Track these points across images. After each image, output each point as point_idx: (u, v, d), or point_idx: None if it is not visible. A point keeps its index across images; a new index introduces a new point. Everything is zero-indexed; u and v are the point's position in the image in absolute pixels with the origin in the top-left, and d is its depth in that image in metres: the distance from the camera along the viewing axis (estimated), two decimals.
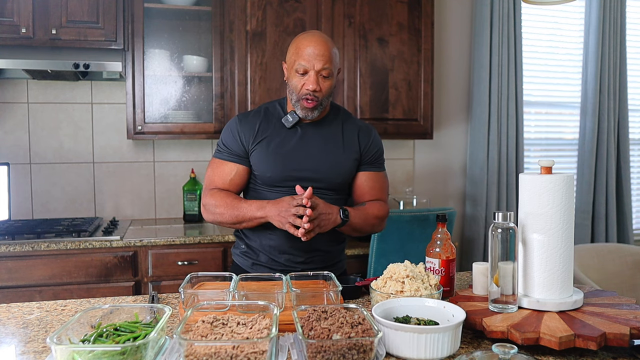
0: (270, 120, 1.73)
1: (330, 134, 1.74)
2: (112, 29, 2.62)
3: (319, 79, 1.62)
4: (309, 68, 1.61)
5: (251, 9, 2.80)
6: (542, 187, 1.20)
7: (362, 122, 1.84)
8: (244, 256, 1.79)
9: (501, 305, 1.18)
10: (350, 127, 1.77)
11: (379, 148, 1.82)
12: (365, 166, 1.78)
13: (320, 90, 1.62)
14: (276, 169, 1.68)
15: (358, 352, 0.94)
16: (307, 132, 1.72)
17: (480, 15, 3.35)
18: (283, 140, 1.70)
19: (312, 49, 1.61)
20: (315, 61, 1.60)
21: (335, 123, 1.76)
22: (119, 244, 2.45)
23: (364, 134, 1.78)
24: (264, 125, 1.72)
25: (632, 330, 1.05)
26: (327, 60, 1.61)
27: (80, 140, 2.98)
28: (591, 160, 3.62)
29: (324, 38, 1.65)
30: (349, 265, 2.74)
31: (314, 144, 1.71)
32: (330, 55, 1.62)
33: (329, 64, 1.62)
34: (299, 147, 1.70)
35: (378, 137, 1.83)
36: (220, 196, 1.68)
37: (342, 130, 1.76)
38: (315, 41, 1.62)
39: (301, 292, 1.25)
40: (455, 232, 3.47)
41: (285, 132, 1.71)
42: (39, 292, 2.37)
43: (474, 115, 3.44)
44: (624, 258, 2.88)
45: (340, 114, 1.80)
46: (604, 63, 3.60)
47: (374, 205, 1.76)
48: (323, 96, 1.64)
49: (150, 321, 1.09)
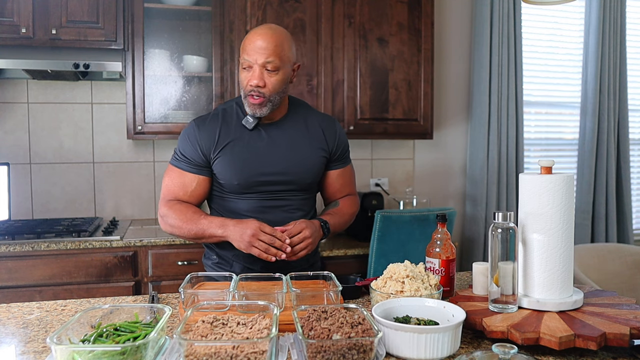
0: (230, 123, 1.64)
1: (295, 132, 1.67)
2: (112, 29, 2.62)
3: (264, 73, 1.53)
4: (252, 62, 1.53)
5: (251, 9, 2.80)
6: (542, 187, 1.20)
7: (324, 116, 1.77)
8: (217, 267, 1.71)
9: (501, 305, 1.18)
10: (314, 122, 1.71)
11: (346, 142, 1.78)
12: (334, 164, 1.74)
13: (265, 86, 1.54)
14: (243, 175, 1.60)
15: (358, 352, 0.94)
16: (272, 133, 1.64)
17: (480, 15, 3.35)
18: (247, 144, 1.62)
19: (256, 42, 1.52)
20: (257, 55, 1.51)
21: (298, 120, 1.69)
22: (119, 244, 2.45)
23: (329, 131, 1.71)
24: (225, 129, 1.62)
25: (632, 330, 1.05)
26: (272, 54, 1.51)
27: (80, 140, 2.98)
28: (591, 160, 3.62)
29: (271, 31, 1.55)
30: (349, 265, 2.75)
31: (280, 145, 1.64)
32: (276, 48, 1.52)
33: (273, 57, 1.52)
34: (265, 150, 1.62)
35: (342, 130, 1.77)
36: (178, 208, 1.59)
37: (306, 127, 1.69)
38: (260, 34, 1.53)
39: (301, 292, 1.25)
40: (455, 232, 3.47)
41: (248, 134, 1.63)
42: (39, 292, 2.37)
43: (474, 115, 3.44)
44: (624, 258, 2.88)
45: (301, 110, 1.72)
46: (604, 63, 3.59)
47: (346, 203, 1.74)
48: (271, 92, 1.55)
49: (150, 321, 1.09)
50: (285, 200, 1.66)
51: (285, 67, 1.56)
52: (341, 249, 2.75)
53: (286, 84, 1.59)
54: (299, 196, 1.68)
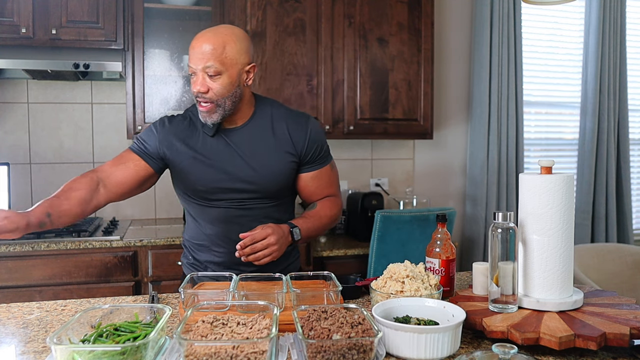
0: (196, 127, 1.60)
1: (260, 137, 1.59)
2: (112, 29, 2.62)
3: (206, 79, 1.47)
4: (195, 69, 1.48)
5: (251, 9, 2.80)
6: (542, 187, 1.20)
7: (295, 116, 1.65)
8: (192, 267, 1.70)
9: (501, 305, 1.18)
10: (281, 125, 1.61)
11: (318, 143, 1.64)
12: (307, 166, 1.64)
13: (207, 92, 1.48)
14: (204, 182, 1.56)
15: (358, 352, 0.94)
16: (234, 139, 1.58)
17: (480, 15, 3.35)
18: (210, 151, 1.57)
19: (195, 47, 1.47)
20: (197, 60, 1.46)
21: (264, 124, 1.61)
22: (119, 244, 2.45)
23: (297, 133, 1.61)
24: (189, 133, 1.59)
25: (632, 330, 1.05)
26: (210, 58, 1.45)
27: (80, 140, 2.98)
28: (591, 160, 3.62)
29: (212, 33, 1.48)
30: (349, 265, 2.75)
31: (243, 152, 1.57)
32: (214, 51, 1.45)
33: (212, 61, 1.45)
34: (227, 157, 1.57)
35: (316, 129, 1.64)
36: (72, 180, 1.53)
37: (272, 130, 1.60)
38: (200, 39, 1.48)
39: (301, 292, 1.25)
40: (455, 232, 3.47)
41: (211, 141, 1.58)
42: (39, 292, 2.37)
43: (474, 115, 3.44)
44: (624, 258, 2.88)
45: (268, 112, 1.63)
46: (604, 63, 3.59)
47: (325, 205, 1.65)
48: (217, 97, 1.48)
49: (150, 321, 1.09)
50: (253, 209, 1.60)
51: (230, 70, 1.48)
52: (341, 249, 2.75)
53: (236, 87, 1.51)
54: (268, 204, 1.61)
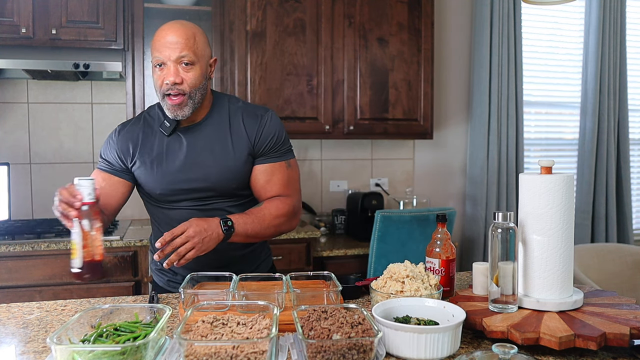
0: (152, 129, 1.56)
1: (216, 134, 1.55)
2: (112, 29, 2.62)
3: (180, 69, 1.44)
4: (165, 59, 1.44)
5: (251, 9, 2.80)
6: (542, 187, 1.20)
7: (251, 109, 1.60)
8: (160, 273, 1.68)
9: (501, 305, 1.18)
10: (237, 120, 1.56)
11: (274, 135, 1.57)
12: (258, 159, 1.57)
13: (182, 82, 1.44)
14: (163, 184, 1.52)
15: (358, 352, 0.94)
16: (191, 138, 1.54)
17: (480, 15, 3.35)
18: (166, 152, 1.53)
19: (166, 37, 1.43)
20: (170, 51, 1.43)
21: (220, 120, 1.57)
22: (119, 244, 2.45)
23: (251, 122, 1.56)
24: (144, 136, 1.55)
25: (632, 330, 1.05)
26: (184, 47, 1.43)
27: (80, 140, 2.98)
28: (591, 160, 3.62)
29: (180, 25, 1.47)
30: (349, 266, 2.75)
31: (200, 151, 1.53)
32: (188, 41, 1.44)
33: (187, 51, 1.43)
34: (184, 157, 1.53)
35: (271, 121, 1.58)
36: None
37: (229, 126, 1.56)
38: (169, 30, 1.45)
39: (301, 292, 1.25)
40: (455, 232, 3.47)
41: (168, 141, 1.54)
42: (39, 292, 2.37)
43: (474, 115, 3.44)
44: (624, 258, 2.88)
45: (225, 107, 1.59)
46: (604, 63, 3.60)
47: (271, 204, 1.54)
48: (190, 89, 1.45)
49: (150, 321, 1.09)
50: (215, 210, 1.55)
51: (200, 61, 1.47)
52: (341, 249, 2.75)
53: (205, 79, 1.50)
54: (229, 202, 1.57)
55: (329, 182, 3.34)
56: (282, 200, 1.57)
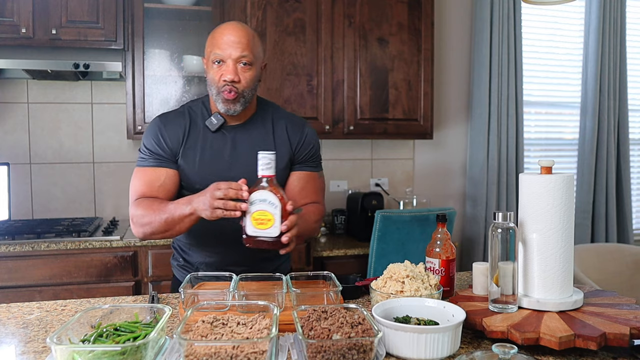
0: (196, 123, 1.58)
1: (260, 135, 1.60)
2: (112, 29, 2.62)
3: (238, 68, 1.49)
4: (225, 57, 1.48)
5: (251, 9, 2.80)
6: (542, 187, 1.20)
7: (294, 117, 1.69)
8: (182, 269, 1.68)
9: (501, 305, 1.18)
10: (280, 124, 1.64)
11: (313, 146, 1.67)
12: (297, 166, 1.64)
13: (239, 81, 1.49)
14: (206, 180, 1.51)
15: (358, 352, 0.94)
16: (236, 137, 1.59)
17: (480, 15, 3.35)
18: (211, 147, 1.57)
19: (229, 36, 1.48)
20: (232, 49, 1.48)
21: (264, 123, 1.63)
22: (119, 244, 2.45)
23: (294, 131, 1.64)
24: (191, 129, 1.57)
25: (632, 330, 1.05)
26: (246, 48, 1.48)
27: (80, 140, 2.98)
28: (591, 160, 3.62)
29: (241, 26, 1.52)
30: (349, 265, 2.75)
31: (244, 149, 1.57)
32: (249, 42, 1.49)
33: (247, 52, 1.49)
34: (228, 154, 1.57)
35: (312, 133, 1.67)
36: (145, 204, 1.49)
37: (272, 129, 1.62)
38: (231, 29, 1.50)
39: (301, 292, 1.25)
40: (455, 232, 3.47)
41: (212, 137, 1.57)
42: (39, 292, 2.37)
43: (474, 115, 3.44)
44: (624, 258, 2.88)
45: (269, 111, 1.65)
46: (604, 63, 3.60)
47: (310, 210, 1.60)
48: (244, 88, 1.51)
49: (150, 321, 1.09)
50: None
51: (256, 63, 1.53)
52: (341, 249, 2.75)
53: (257, 81, 1.56)
54: None
55: (329, 182, 3.33)
56: (317, 207, 1.65)
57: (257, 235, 1.29)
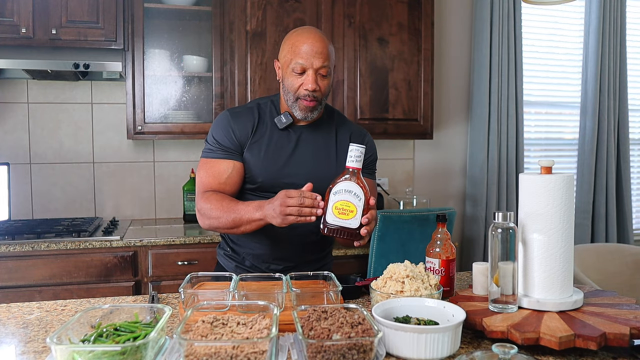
0: (263, 120, 1.63)
1: (324, 139, 1.65)
2: (112, 29, 2.62)
3: (318, 78, 1.53)
4: (307, 67, 1.52)
5: (251, 9, 2.80)
6: (542, 187, 1.20)
7: (357, 126, 1.75)
8: (229, 258, 1.72)
9: (501, 305, 1.18)
10: (344, 131, 1.69)
11: (372, 154, 1.72)
12: None
13: (319, 90, 1.54)
14: (268, 174, 1.59)
15: (358, 352, 0.94)
16: (301, 137, 1.63)
17: (480, 15, 3.35)
18: (277, 144, 1.61)
19: (310, 46, 1.51)
20: (313, 59, 1.51)
21: (329, 128, 1.68)
22: (119, 244, 2.45)
23: (357, 138, 1.68)
24: (259, 124, 1.62)
25: (632, 330, 1.05)
26: (326, 58, 1.53)
27: (80, 140, 2.98)
28: (591, 160, 3.62)
29: (320, 34, 1.56)
30: (349, 265, 2.75)
31: (308, 150, 1.62)
32: (328, 52, 1.54)
33: (327, 62, 1.53)
34: (293, 153, 1.61)
35: (372, 142, 1.73)
36: (215, 199, 1.54)
37: (335, 135, 1.67)
38: (312, 38, 1.53)
39: (301, 292, 1.25)
40: (455, 232, 3.47)
41: (279, 134, 1.62)
42: (39, 292, 2.37)
43: (474, 115, 3.44)
44: (624, 258, 2.88)
45: (334, 118, 1.71)
46: (604, 63, 3.60)
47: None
48: (322, 96, 1.56)
49: (150, 321, 1.09)
50: None
51: (332, 72, 1.58)
52: (341, 249, 2.75)
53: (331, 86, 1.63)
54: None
55: None
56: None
57: (336, 224, 1.31)
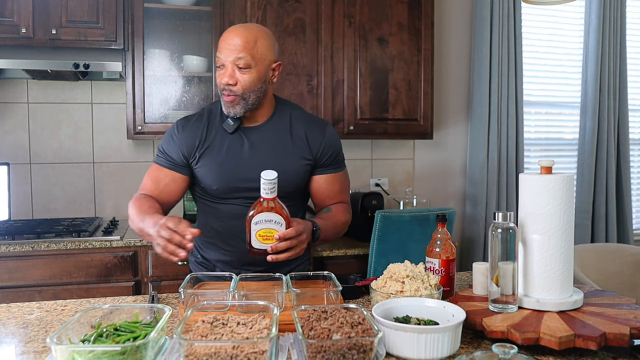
0: (213, 125, 1.61)
1: (277, 137, 1.61)
2: (112, 29, 2.62)
3: (235, 71, 1.49)
4: (224, 61, 1.50)
5: (251, 9, 2.80)
6: (542, 187, 1.20)
7: (313, 120, 1.68)
8: (200, 265, 1.70)
9: (501, 305, 1.18)
10: (299, 127, 1.63)
11: (335, 148, 1.67)
12: (321, 169, 1.65)
13: (235, 84, 1.50)
14: (222, 181, 1.57)
15: (358, 352, 0.94)
16: (253, 138, 1.60)
17: (480, 15, 3.35)
18: (228, 149, 1.58)
19: (228, 40, 1.50)
20: (229, 52, 1.49)
21: (282, 124, 1.63)
22: (119, 244, 2.45)
23: (314, 136, 1.63)
24: (207, 132, 1.59)
25: (632, 330, 1.05)
26: (242, 50, 1.48)
27: (80, 140, 2.98)
28: (591, 160, 3.62)
29: (244, 28, 1.52)
30: (349, 265, 2.75)
31: (261, 151, 1.59)
32: (247, 44, 1.48)
33: (244, 54, 1.48)
34: (245, 156, 1.58)
35: (332, 134, 1.67)
36: (139, 203, 1.52)
37: (290, 131, 1.62)
38: (232, 32, 1.51)
39: (301, 292, 1.25)
40: (455, 232, 3.47)
41: (230, 138, 1.59)
42: (39, 292, 2.37)
43: (474, 115, 3.44)
44: (624, 258, 2.88)
45: (287, 112, 1.65)
46: (604, 63, 3.59)
47: (339, 211, 1.65)
48: (243, 90, 1.50)
49: (150, 321, 1.09)
50: None
51: (259, 65, 1.51)
52: (341, 249, 2.75)
53: (262, 83, 1.54)
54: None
55: None
56: (345, 207, 1.69)
57: (262, 248, 1.36)
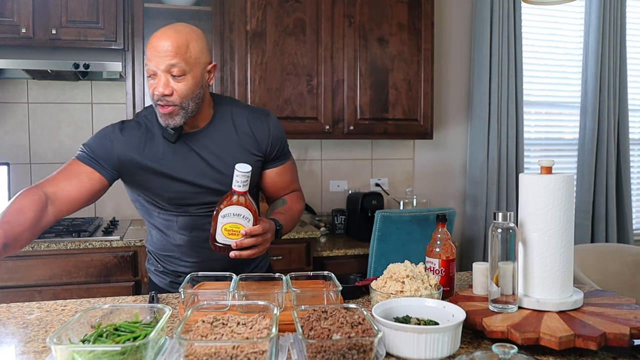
0: (153, 134, 1.48)
1: (223, 139, 1.51)
2: (112, 29, 2.63)
3: (170, 80, 1.37)
4: (155, 69, 1.36)
5: (251, 9, 2.80)
6: (542, 187, 1.20)
7: (254, 112, 1.58)
8: (161, 274, 1.65)
9: (501, 305, 1.18)
10: (242, 123, 1.54)
11: (281, 139, 1.59)
12: (271, 163, 1.60)
13: (172, 94, 1.37)
14: (172, 194, 1.48)
15: (358, 352, 0.94)
16: (197, 144, 1.49)
17: (480, 15, 3.35)
18: (173, 160, 1.47)
19: (157, 46, 1.35)
20: (159, 60, 1.35)
21: (225, 124, 1.53)
22: (119, 244, 2.45)
23: (259, 129, 1.55)
24: (148, 141, 1.47)
25: (632, 330, 1.05)
26: (174, 56, 1.35)
27: (80, 140, 2.98)
28: (591, 160, 3.62)
29: (173, 31, 1.37)
30: (349, 265, 2.75)
31: (208, 156, 1.49)
32: (178, 49, 1.35)
33: (177, 59, 1.35)
34: (192, 164, 1.48)
35: (276, 125, 1.58)
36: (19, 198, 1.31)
37: (234, 130, 1.53)
38: (160, 37, 1.36)
39: (301, 292, 1.25)
40: (455, 232, 3.47)
41: (173, 148, 1.47)
42: (39, 292, 2.37)
43: (474, 115, 3.44)
44: (624, 258, 2.88)
45: (227, 111, 1.55)
46: (604, 63, 3.59)
47: (293, 200, 1.63)
48: (181, 100, 1.38)
49: (150, 321, 1.09)
50: None
51: (194, 69, 1.39)
52: (341, 249, 2.75)
53: (200, 88, 1.42)
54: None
55: (329, 182, 3.34)
56: (298, 195, 1.68)
57: (226, 243, 1.32)
